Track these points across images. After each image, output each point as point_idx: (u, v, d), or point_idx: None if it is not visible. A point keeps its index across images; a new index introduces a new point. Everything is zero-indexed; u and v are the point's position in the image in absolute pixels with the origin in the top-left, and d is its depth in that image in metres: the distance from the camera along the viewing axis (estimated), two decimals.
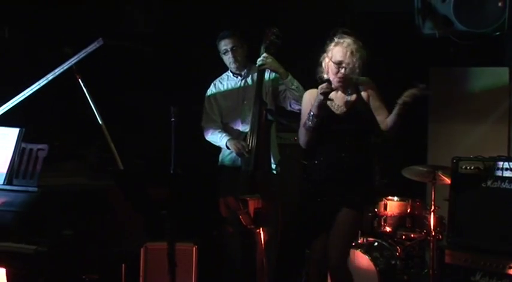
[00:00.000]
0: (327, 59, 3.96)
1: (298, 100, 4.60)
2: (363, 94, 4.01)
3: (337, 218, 3.94)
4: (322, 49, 4.00)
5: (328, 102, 3.97)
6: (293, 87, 4.64)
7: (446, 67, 5.79)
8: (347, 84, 4.00)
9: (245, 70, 4.87)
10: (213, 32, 4.95)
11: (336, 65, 3.91)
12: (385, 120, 3.95)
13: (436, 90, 5.73)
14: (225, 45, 4.85)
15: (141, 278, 4.80)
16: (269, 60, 4.63)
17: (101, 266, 3.52)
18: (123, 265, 4.42)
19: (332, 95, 3.97)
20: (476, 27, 4.73)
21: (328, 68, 3.96)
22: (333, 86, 3.91)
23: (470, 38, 4.79)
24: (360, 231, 4.88)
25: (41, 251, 3.23)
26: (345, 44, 3.90)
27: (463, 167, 4.28)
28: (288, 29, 4.76)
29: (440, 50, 5.35)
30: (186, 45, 5.72)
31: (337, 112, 4.01)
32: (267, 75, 4.74)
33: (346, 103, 4.01)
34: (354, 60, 3.88)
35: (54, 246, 3.24)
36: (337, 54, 3.90)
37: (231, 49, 4.82)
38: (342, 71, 3.91)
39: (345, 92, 4.03)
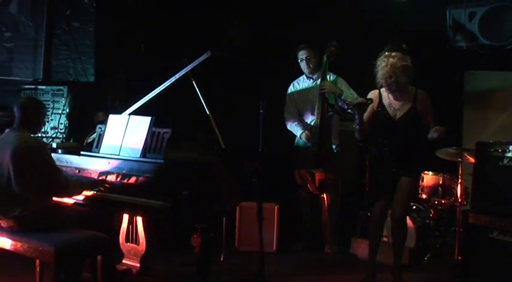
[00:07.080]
0: (376, 73, 3.92)
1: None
2: (419, 103, 3.93)
3: (399, 184, 3.98)
4: (375, 59, 3.96)
5: (387, 107, 3.96)
6: (348, 101, 4.63)
7: (477, 71, 5.64)
8: (400, 90, 3.92)
9: (316, 74, 4.92)
10: (292, 44, 5.00)
11: (381, 80, 3.91)
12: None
13: (469, 89, 5.59)
14: (301, 55, 4.89)
15: (236, 229, 4.90)
16: (327, 85, 4.63)
17: (208, 218, 3.52)
18: (224, 218, 4.52)
19: (391, 99, 3.95)
20: (496, 41, 4.64)
21: (380, 79, 3.93)
22: (386, 91, 3.93)
23: (491, 49, 4.69)
24: None
25: (166, 206, 3.28)
26: (388, 62, 3.83)
27: (485, 149, 4.19)
28: (345, 42, 4.75)
29: (472, 57, 5.23)
30: (271, 55, 5.77)
31: (393, 115, 3.96)
32: (328, 78, 4.75)
33: (402, 109, 3.95)
34: (396, 73, 3.81)
35: (175, 203, 3.27)
36: (381, 72, 3.86)
37: (306, 58, 4.87)
38: (385, 85, 3.90)
39: (401, 99, 3.96)
